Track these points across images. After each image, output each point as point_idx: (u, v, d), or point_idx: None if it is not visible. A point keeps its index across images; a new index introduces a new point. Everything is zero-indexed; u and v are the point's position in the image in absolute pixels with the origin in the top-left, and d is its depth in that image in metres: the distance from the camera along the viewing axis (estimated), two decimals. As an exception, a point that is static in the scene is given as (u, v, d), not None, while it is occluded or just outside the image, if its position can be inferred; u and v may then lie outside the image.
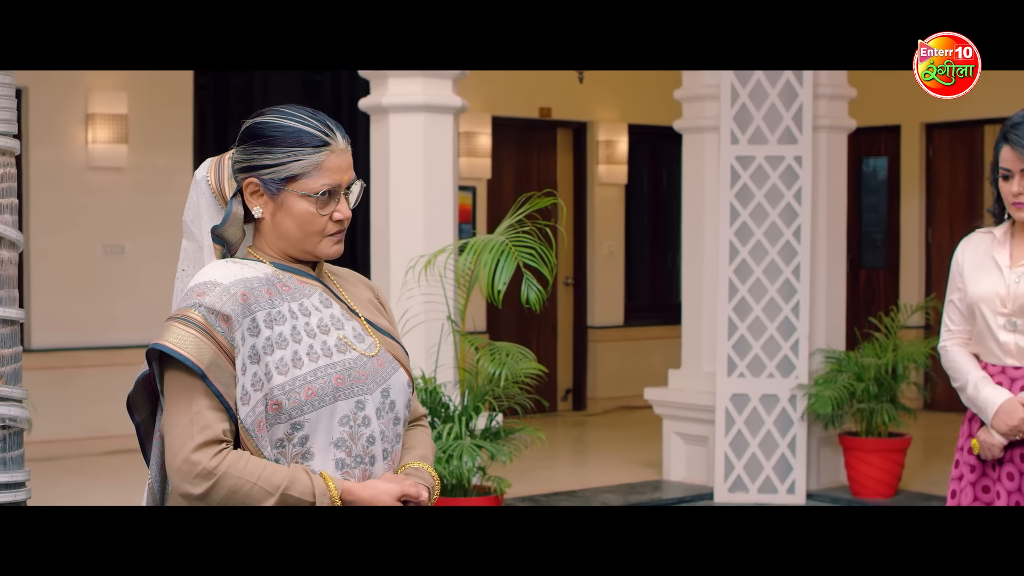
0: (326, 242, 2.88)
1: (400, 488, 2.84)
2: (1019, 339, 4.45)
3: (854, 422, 9.27)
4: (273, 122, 2.88)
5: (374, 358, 2.90)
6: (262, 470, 2.72)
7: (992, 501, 4.50)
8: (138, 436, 2.97)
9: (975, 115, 12.72)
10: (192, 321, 2.74)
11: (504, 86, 12.15)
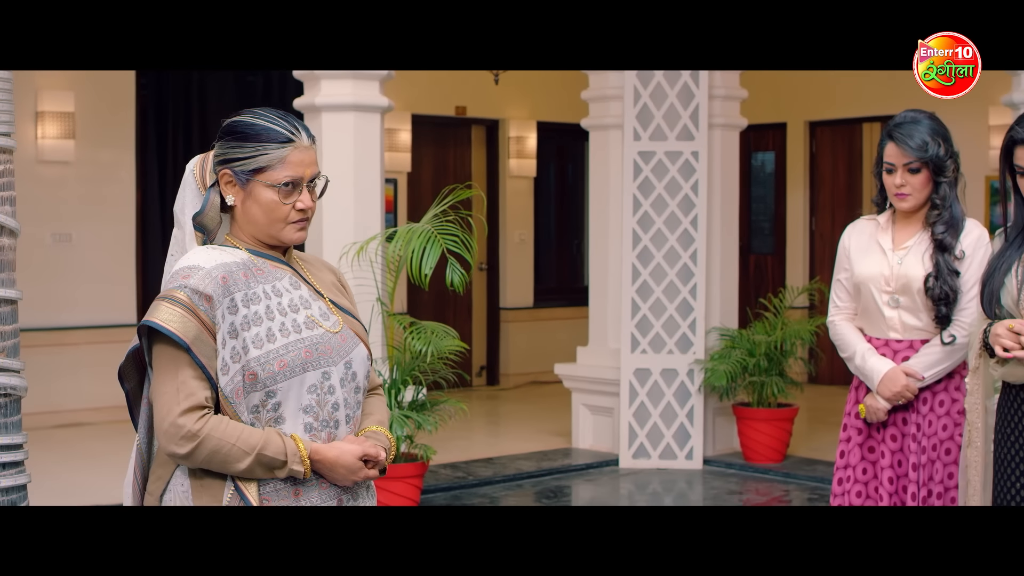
0: (289, 228, 2.99)
1: (361, 448, 2.96)
2: (901, 314, 4.56)
3: (746, 394, 9.37)
4: (246, 121, 3.00)
5: (338, 334, 3.01)
6: (240, 432, 2.83)
7: (877, 460, 4.60)
8: (127, 402, 3.07)
9: (854, 114, 12.84)
10: (178, 300, 2.84)
11: (423, 86, 12.17)
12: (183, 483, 2.90)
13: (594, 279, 9.93)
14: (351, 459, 2.93)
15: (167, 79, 11.20)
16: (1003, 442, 3.96)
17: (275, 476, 2.87)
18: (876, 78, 12.20)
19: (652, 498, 8.55)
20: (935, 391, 4.55)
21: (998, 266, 4.05)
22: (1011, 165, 4.03)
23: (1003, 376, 3.95)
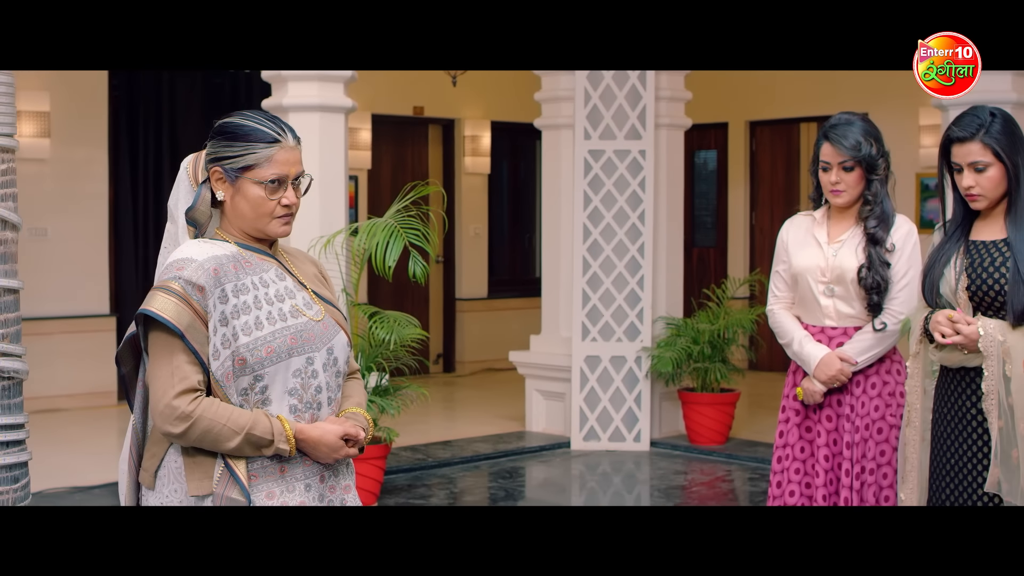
0: (275, 223, 3.08)
1: (342, 428, 3.07)
2: (836, 303, 4.67)
3: (691, 379, 9.46)
4: (236, 122, 3.10)
5: (320, 322, 3.11)
6: (230, 413, 2.93)
7: (813, 439, 4.71)
8: (123, 385, 3.17)
9: (791, 114, 12.91)
10: (172, 291, 2.94)
11: (382, 88, 12.21)
12: (176, 460, 3.00)
13: (546, 271, 10.01)
14: (333, 438, 3.04)
15: (138, 81, 11.20)
16: (939, 421, 4.09)
17: (262, 454, 2.97)
18: (813, 80, 12.33)
19: (602, 478, 8.66)
20: (868, 374, 4.66)
21: (938, 258, 4.12)
22: (948, 163, 4.10)
23: (941, 360, 4.06)
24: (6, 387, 3.68)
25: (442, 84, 12.68)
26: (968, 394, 3.99)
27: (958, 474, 4.01)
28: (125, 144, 11.20)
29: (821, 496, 4.65)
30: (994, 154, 3.96)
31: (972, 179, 3.98)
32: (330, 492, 3.10)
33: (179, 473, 2.99)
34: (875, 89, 11.86)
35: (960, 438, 4.01)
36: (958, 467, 4.01)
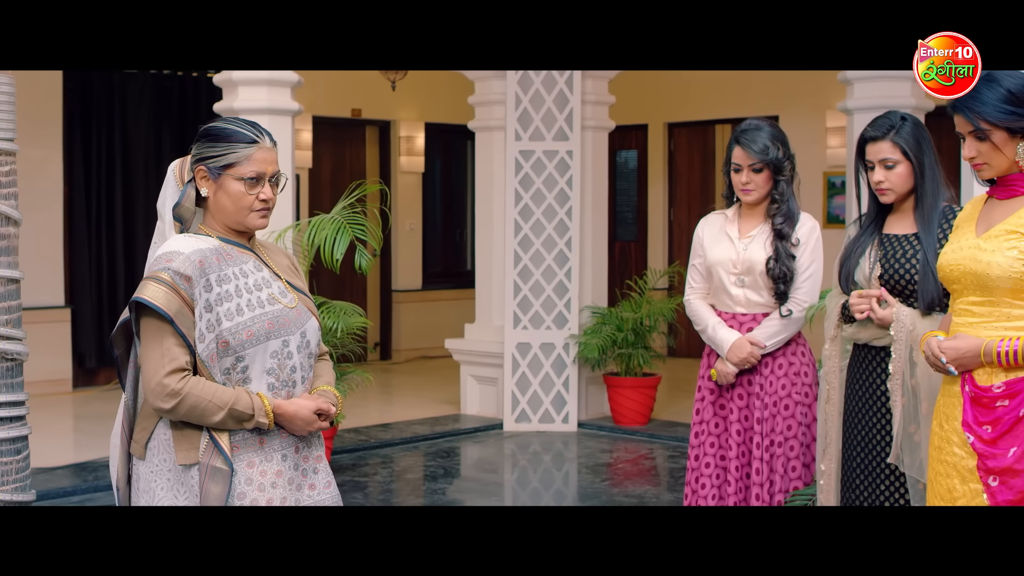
0: (253, 215, 3.32)
1: (316, 404, 3.32)
2: (746, 292, 4.94)
3: (615, 364, 9.70)
4: (218, 126, 3.35)
5: (294, 309, 3.36)
6: (215, 391, 3.17)
7: (727, 416, 4.98)
8: (116, 365, 3.41)
9: (707, 116, 13.12)
10: (162, 280, 3.17)
11: (323, 91, 12.36)
12: (165, 432, 3.24)
13: (480, 263, 10.23)
14: (307, 413, 3.29)
15: (91, 84, 11.27)
16: (851, 396, 4.39)
17: (243, 427, 3.21)
18: (728, 84, 12.59)
19: (533, 457, 8.90)
20: (775, 356, 4.94)
21: (853, 250, 4.39)
22: (863, 161, 4.37)
23: (851, 337, 4.35)
24: (9, 368, 3.90)
25: (379, 87, 12.84)
26: (876, 372, 4.28)
27: (868, 447, 4.31)
28: (79, 144, 11.28)
29: (734, 467, 4.93)
30: (903, 152, 4.26)
31: (882, 175, 4.27)
32: (304, 462, 3.35)
33: (168, 444, 3.23)
34: (785, 93, 12.16)
35: (868, 412, 4.30)
36: (867, 439, 4.31)
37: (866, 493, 4.32)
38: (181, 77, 11.80)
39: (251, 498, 3.22)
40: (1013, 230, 3.49)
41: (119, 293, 11.50)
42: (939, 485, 3.63)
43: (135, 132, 11.48)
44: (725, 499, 4.94)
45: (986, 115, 3.49)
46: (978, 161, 3.56)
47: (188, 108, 11.81)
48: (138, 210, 11.53)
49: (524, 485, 8.34)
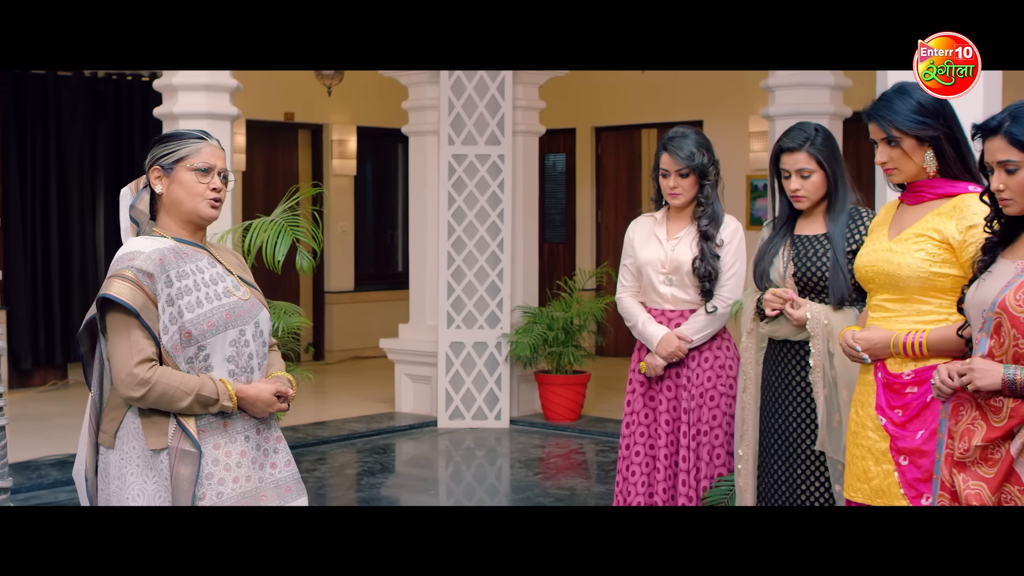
0: (204, 204, 3.54)
1: (275, 387, 3.55)
2: (674, 291, 5.19)
3: (547, 362, 9.92)
4: (168, 133, 3.63)
5: (247, 301, 3.58)
6: (181, 378, 3.39)
7: (656, 407, 5.21)
8: (82, 363, 3.62)
9: (634, 120, 13.34)
10: (127, 277, 3.38)
11: (256, 95, 12.35)
12: (134, 421, 3.44)
13: (414, 264, 10.41)
14: (268, 395, 3.52)
15: (25, 87, 11.32)
16: (767, 387, 4.66)
17: (209, 412, 3.43)
18: (655, 90, 12.81)
19: (467, 453, 9.13)
20: (702, 350, 5.19)
21: (767, 251, 4.66)
22: (778, 169, 4.65)
23: (769, 333, 4.62)
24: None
25: (312, 91, 12.98)
26: (795, 364, 4.55)
27: (786, 433, 4.57)
28: (13, 146, 11.32)
29: (663, 455, 5.18)
30: (817, 163, 4.55)
31: (799, 183, 4.55)
32: (265, 442, 3.58)
33: (137, 432, 3.43)
34: (710, 99, 12.44)
35: (788, 402, 4.57)
36: (786, 427, 4.57)
37: (784, 477, 4.58)
38: (116, 80, 11.87)
39: (218, 477, 3.44)
40: (920, 233, 3.81)
41: (54, 295, 11.59)
42: (855, 467, 3.95)
43: (70, 135, 11.55)
44: (654, 485, 5.19)
45: (897, 124, 3.80)
46: (889, 166, 3.87)
47: (123, 111, 11.89)
48: (73, 212, 11.63)
49: (458, 480, 8.57)
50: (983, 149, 3.37)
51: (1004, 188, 3.31)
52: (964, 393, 3.34)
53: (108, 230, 11.88)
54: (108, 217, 11.86)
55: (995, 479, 3.26)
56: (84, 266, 11.79)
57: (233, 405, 3.46)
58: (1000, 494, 3.25)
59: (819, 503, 4.51)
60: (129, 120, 11.82)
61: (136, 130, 11.84)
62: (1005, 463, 3.24)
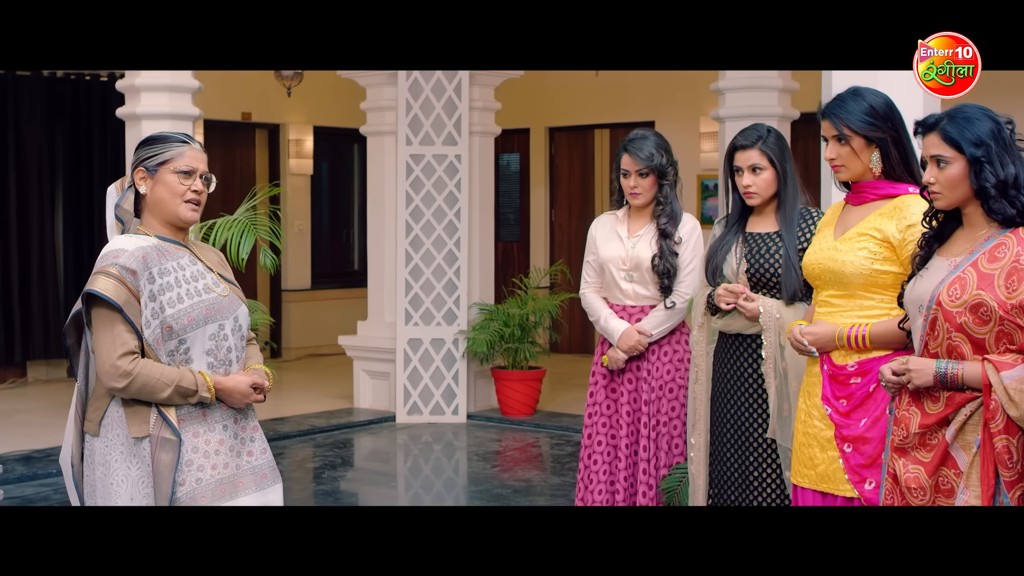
0: (185, 206, 3.65)
1: (251, 379, 3.67)
2: (635, 287, 5.33)
3: (503, 358, 10.06)
4: (153, 135, 3.72)
5: (226, 297, 3.69)
6: (162, 370, 3.49)
7: (617, 398, 5.35)
8: (68, 355, 3.70)
9: (587, 121, 13.45)
10: (111, 274, 3.48)
11: (214, 95, 12.33)
12: (118, 410, 3.53)
13: (372, 262, 10.50)
14: (245, 387, 3.64)
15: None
16: (718, 378, 4.81)
17: (188, 402, 3.53)
18: (607, 91, 12.94)
19: (425, 447, 9.23)
20: (661, 344, 5.33)
21: (719, 247, 4.81)
22: (732, 167, 4.81)
23: (722, 327, 4.77)
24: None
25: (269, 91, 13.03)
26: (747, 357, 4.70)
27: (739, 423, 4.72)
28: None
29: (624, 444, 5.32)
30: (769, 160, 4.71)
31: (750, 179, 4.71)
32: (242, 431, 3.69)
33: (121, 420, 3.53)
34: (661, 100, 12.59)
35: (740, 393, 4.72)
36: (739, 417, 4.72)
37: (737, 464, 4.73)
38: (74, 80, 11.86)
39: (198, 464, 3.55)
40: (863, 233, 3.99)
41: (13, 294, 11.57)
42: (802, 453, 4.12)
43: (28, 135, 11.54)
44: (616, 473, 5.32)
45: (849, 122, 3.97)
46: (837, 163, 4.04)
47: (82, 111, 11.88)
48: (32, 212, 11.62)
49: (416, 474, 8.68)
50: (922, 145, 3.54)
51: (935, 182, 3.48)
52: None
53: (67, 229, 11.89)
54: (67, 216, 11.87)
55: (931, 463, 3.44)
56: (43, 265, 11.77)
57: (211, 396, 3.56)
58: (937, 477, 3.43)
59: (770, 489, 4.65)
60: (88, 120, 11.82)
61: (95, 130, 11.84)
62: (941, 448, 3.42)
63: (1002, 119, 3.47)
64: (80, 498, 3.66)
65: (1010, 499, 3.28)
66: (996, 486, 3.31)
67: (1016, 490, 3.29)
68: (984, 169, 3.41)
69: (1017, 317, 3.30)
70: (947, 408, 3.42)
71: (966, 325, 3.38)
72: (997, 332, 3.34)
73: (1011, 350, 3.34)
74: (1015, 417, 3.27)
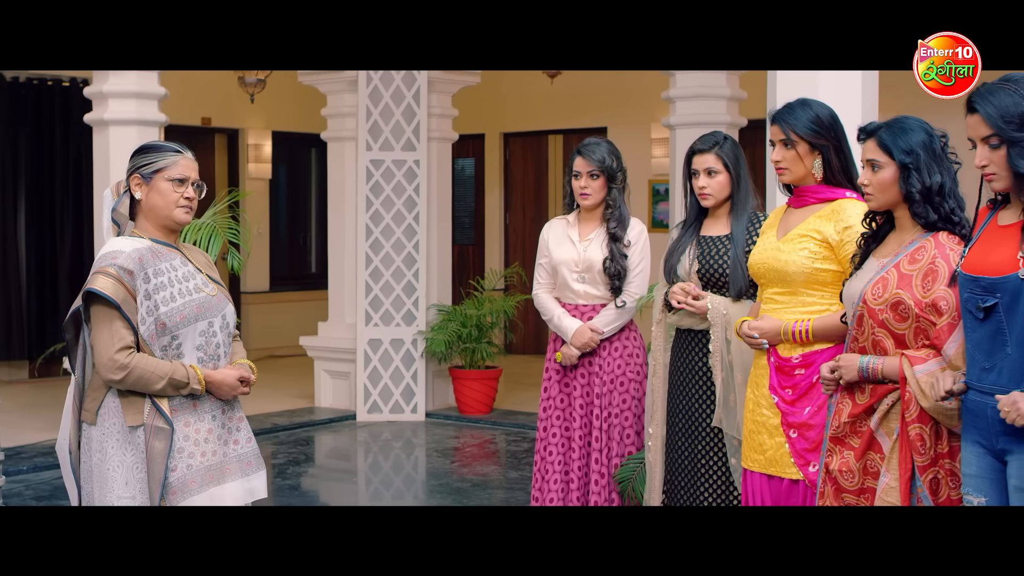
0: (179, 210, 3.97)
1: (238, 372, 3.99)
2: (586, 287, 5.65)
3: (460, 358, 10.33)
4: (148, 144, 4.05)
5: (215, 296, 4.01)
6: (156, 364, 3.81)
7: (571, 392, 5.67)
8: (67, 349, 4.02)
9: (541, 127, 13.72)
10: (109, 274, 3.79)
11: (174, 99, 12.53)
12: (114, 400, 3.85)
13: (332, 265, 10.77)
14: (232, 380, 3.97)
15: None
16: (675, 372, 5.17)
17: (180, 394, 3.85)
18: (561, 97, 13.13)
19: (384, 444, 9.53)
20: (612, 341, 5.66)
21: (676, 248, 5.16)
22: (690, 170, 5.16)
23: (675, 323, 5.14)
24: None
25: (228, 96, 13.26)
26: (699, 351, 5.06)
27: (690, 413, 5.09)
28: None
29: (578, 436, 5.65)
30: (724, 164, 5.08)
31: (705, 181, 5.07)
32: (229, 421, 4.01)
33: (117, 410, 3.84)
34: (614, 106, 12.89)
35: (691, 385, 5.08)
36: (690, 408, 5.09)
37: (687, 452, 5.09)
38: (37, 85, 12.04)
39: (188, 451, 3.86)
40: (804, 234, 4.36)
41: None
42: (752, 440, 4.50)
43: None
44: (570, 463, 5.65)
45: (796, 128, 4.35)
46: (782, 165, 4.42)
47: (44, 115, 12.06)
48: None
49: (376, 470, 8.98)
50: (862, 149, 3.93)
51: (868, 183, 3.88)
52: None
53: (29, 233, 12.07)
54: (29, 220, 12.05)
55: (860, 448, 3.85)
56: (6, 269, 11.96)
57: (202, 388, 3.88)
58: (864, 460, 3.84)
59: (717, 475, 5.01)
60: (50, 124, 12.01)
61: (57, 134, 12.04)
62: (867, 434, 3.84)
63: (936, 132, 3.87)
64: (77, 483, 3.97)
65: (922, 482, 3.67)
66: (912, 470, 3.71)
67: (928, 474, 3.68)
68: (912, 175, 3.80)
69: (931, 314, 3.69)
70: (872, 398, 3.81)
71: (887, 321, 3.77)
72: (915, 328, 3.73)
73: (926, 345, 3.73)
74: (927, 408, 3.66)
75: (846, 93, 5.64)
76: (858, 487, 3.86)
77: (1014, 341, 3.34)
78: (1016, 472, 3.36)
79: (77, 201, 12.04)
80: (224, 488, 3.94)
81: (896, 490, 3.71)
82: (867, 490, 3.83)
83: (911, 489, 3.71)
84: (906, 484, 3.71)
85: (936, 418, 3.65)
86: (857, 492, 3.86)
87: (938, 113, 4.30)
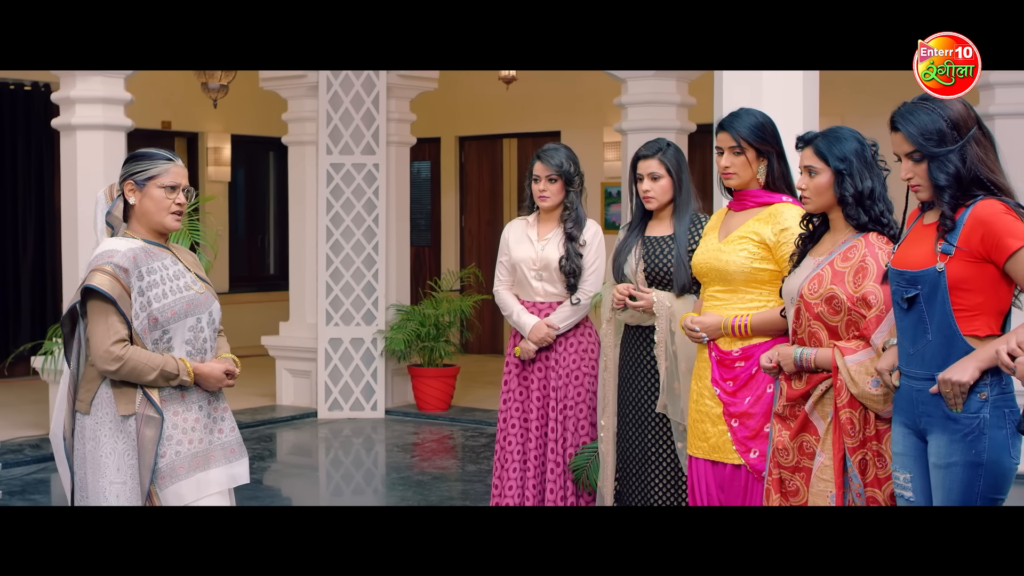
0: (170, 217, 4.26)
1: (224, 366, 4.30)
2: (544, 285, 5.92)
3: (419, 356, 10.59)
4: (142, 151, 4.33)
5: (203, 294, 4.31)
6: (149, 356, 4.10)
7: (529, 385, 5.93)
8: (64, 342, 4.30)
9: (496, 131, 13.99)
10: (106, 271, 4.08)
11: (136, 104, 12.73)
12: (107, 391, 4.14)
13: (294, 266, 11.03)
14: (219, 373, 4.27)
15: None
16: (624, 367, 5.48)
17: (170, 385, 4.15)
18: (515, 102, 13.41)
19: (345, 441, 9.81)
20: (567, 336, 5.94)
21: (622, 249, 5.46)
22: (635, 174, 5.37)
23: (625, 319, 5.45)
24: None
25: (188, 101, 13.47)
26: (647, 346, 5.37)
27: (639, 403, 5.41)
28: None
29: (535, 427, 5.93)
30: (667, 169, 5.38)
31: (649, 185, 5.37)
32: (214, 411, 4.33)
33: (110, 400, 4.13)
34: (567, 110, 13.19)
35: (640, 378, 5.40)
36: (639, 398, 5.41)
37: (637, 440, 5.41)
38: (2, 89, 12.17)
39: (176, 439, 4.16)
40: (744, 236, 4.71)
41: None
42: (696, 429, 4.85)
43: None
44: (527, 453, 5.95)
45: (743, 135, 4.69)
46: (730, 171, 4.76)
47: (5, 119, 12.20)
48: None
49: (337, 466, 9.26)
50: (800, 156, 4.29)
51: (805, 188, 4.24)
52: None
53: (-8, 234, 12.26)
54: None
55: (794, 429, 4.22)
56: (-29, 269, 12.14)
57: (191, 380, 4.18)
58: (800, 440, 4.21)
59: (665, 461, 5.33)
60: (12, 127, 12.17)
61: (19, 137, 12.19)
62: (801, 417, 4.22)
63: (867, 141, 4.25)
64: (70, 468, 4.25)
65: (852, 462, 4.05)
66: (844, 451, 4.07)
67: (857, 455, 4.06)
68: (845, 180, 4.17)
69: (861, 308, 4.06)
70: (807, 385, 4.19)
71: (822, 314, 4.13)
72: (847, 321, 4.10)
73: (856, 336, 4.09)
74: (856, 394, 4.03)
75: (790, 95, 5.98)
76: (793, 465, 4.23)
77: (934, 328, 3.70)
78: (934, 450, 3.72)
79: (39, 204, 12.21)
80: (209, 474, 4.23)
81: (831, 468, 4.07)
82: (802, 468, 4.20)
83: (844, 468, 4.07)
84: (840, 464, 4.07)
85: (864, 403, 4.02)
86: (792, 469, 4.23)
87: (874, 117, 4.61)
